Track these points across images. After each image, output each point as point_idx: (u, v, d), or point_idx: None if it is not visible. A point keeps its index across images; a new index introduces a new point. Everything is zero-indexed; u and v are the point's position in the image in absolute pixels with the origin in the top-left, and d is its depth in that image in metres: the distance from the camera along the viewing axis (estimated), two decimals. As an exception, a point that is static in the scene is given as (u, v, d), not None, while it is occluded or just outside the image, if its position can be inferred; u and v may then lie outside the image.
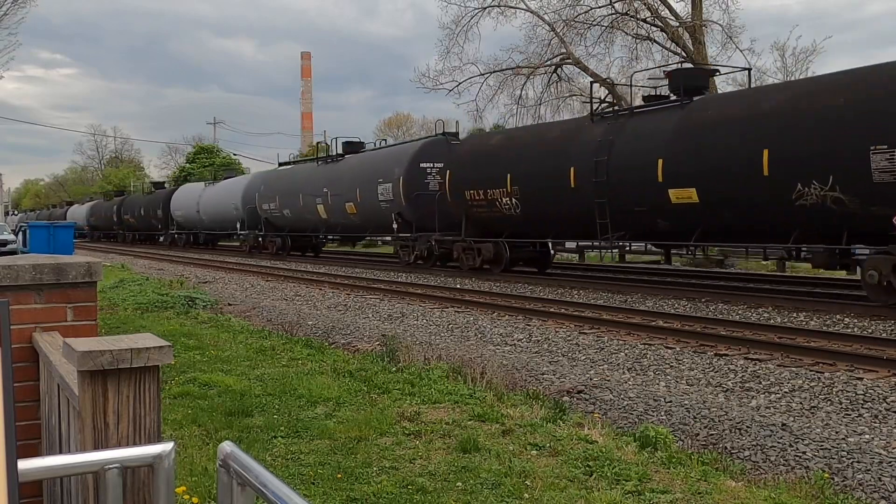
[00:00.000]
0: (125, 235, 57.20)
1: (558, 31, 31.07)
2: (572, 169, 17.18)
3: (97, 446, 1.88)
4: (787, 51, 34.68)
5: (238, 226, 36.82)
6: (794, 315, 12.17)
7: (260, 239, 34.80)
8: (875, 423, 6.39)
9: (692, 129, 14.87)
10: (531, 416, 6.32)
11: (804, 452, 5.72)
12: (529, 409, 6.57)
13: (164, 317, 13.13)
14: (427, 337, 11.01)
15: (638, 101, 21.08)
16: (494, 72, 32.66)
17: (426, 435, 5.80)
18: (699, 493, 4.70)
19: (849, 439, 5.93)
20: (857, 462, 5.45)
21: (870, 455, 5.52)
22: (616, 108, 18.12)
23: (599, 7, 30.73)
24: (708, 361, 8.77)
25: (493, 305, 13.93)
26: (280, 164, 36.68)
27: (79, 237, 70.06)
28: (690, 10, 29.21)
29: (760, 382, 7.79)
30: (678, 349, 9.48)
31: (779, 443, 5.93)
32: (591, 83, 24.16)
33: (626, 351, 9.59)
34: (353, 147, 29.22)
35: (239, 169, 60.91)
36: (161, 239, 50.37)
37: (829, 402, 7.00)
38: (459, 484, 4.78)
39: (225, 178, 43.30)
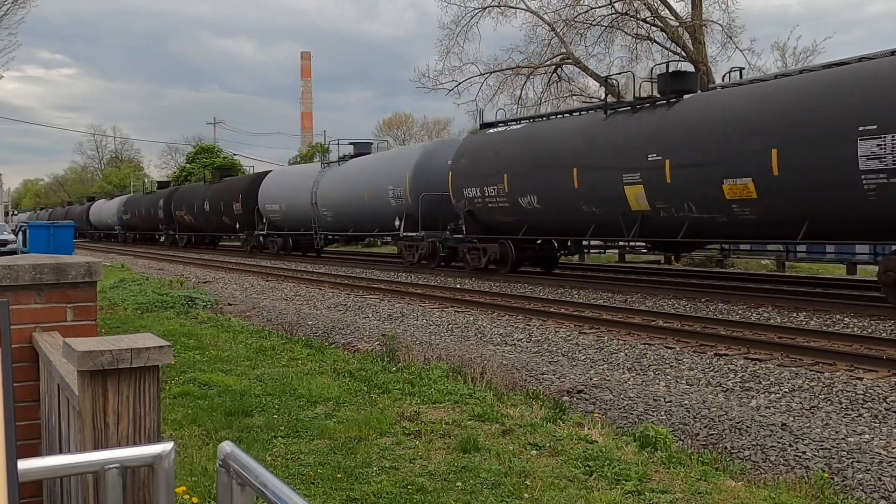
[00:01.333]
0: (176, 237, 44.44)
1: (558, 30, 31.08)
2: None
3: (97, 446, 1.88)
4: (787, 51, 34.67)
5: (398, 224, 23.44)
6: (794, 315, 12.17)
7: (438, 245, 21.97)
8: (875, 423, 6.39)
9: None
10: (531, 416, 6.32)
11: (804, 452, 5.72)
12: (529, 409, 6.57)
13: (163, 317, 13.13)
14: (427, 337, 11.01)
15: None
16: (494, 72, 32.69)
17: (426, 435, 5.80)
18: (699, 493, 4.70)
19: (849, 439, 5.93)
20: (857, 462, 5.45)
21: (870, 455, 5.52)
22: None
23: (599, 7, 30.77)
24: (708, 361, 8.77)
25: (493, 305, 13.93)
26: (483, 125, 21.92)
27: (105, 239, 60.54)
28: (690, 9, 29.22)
29: (760, 382, 7.79)
30: (678, 349, 9.48)
31: (779, 443, 5.93)
32: None
33: (626, 351, 9.59)
34: (683, 82, 16.07)
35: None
36: (236, 240, 39.17)
37: (829, 402, 7.00)
38: (459, 484, 4.78)
39: (355, 155, 29.25)
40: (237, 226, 36.11)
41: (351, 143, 30.61)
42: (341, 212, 27.66)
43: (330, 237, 30.44)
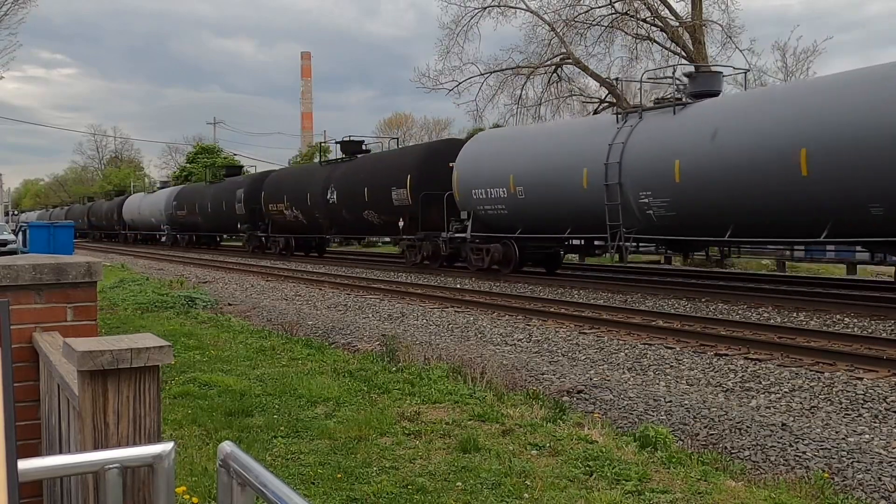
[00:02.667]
0: (264, 240, 32.83)
1: (558, 30, 31.07)
2: None
3: (97, 446, 1.88)
4: (787, 51, 34.64)
5: None
6: (794, 315, 12.17)
7: None
8: (875, 423, 6.39)
9: None
10: (531, 416, 6.32)
11: (804, 452, 5.72)
12: (529, 409, 6.57)
13: (164, 317, 13.12)
14: (427, 337, 11.01)
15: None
16: (494, 72, 32.66)
17: (426, 435, 5.80)
18: (699, 493, 4.69)
19: (849, 439, 5.93)
20: (857, 462, 5.45)
21: (870, 455, 5.52)
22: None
23: (599, 7, 30.77)
24: (708, 361, 8.77)
25: (493, 305, 13.93)
26: None
27: (143, 242, 48.28)
28: (690, 10, 29.22)
29: (760, 382, 7.79)
30: (678, 349, 9.48)
31: (779, 443, 5.93)
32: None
33: (626, 351, 9.59)
34: None
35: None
36: (388, 245, 28.98)
37: (829, 402, 7.00)
38: (459, 484, 4.78)
39: (697, 94, 15.64)
40: (401, 224, 22.88)
41: (687, 74, 16.44)
42: (701, 195, 14.34)
43: (640, 241, 17.28)
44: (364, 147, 29.26)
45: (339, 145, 29.41)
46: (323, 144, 55.49)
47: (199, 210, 38.56)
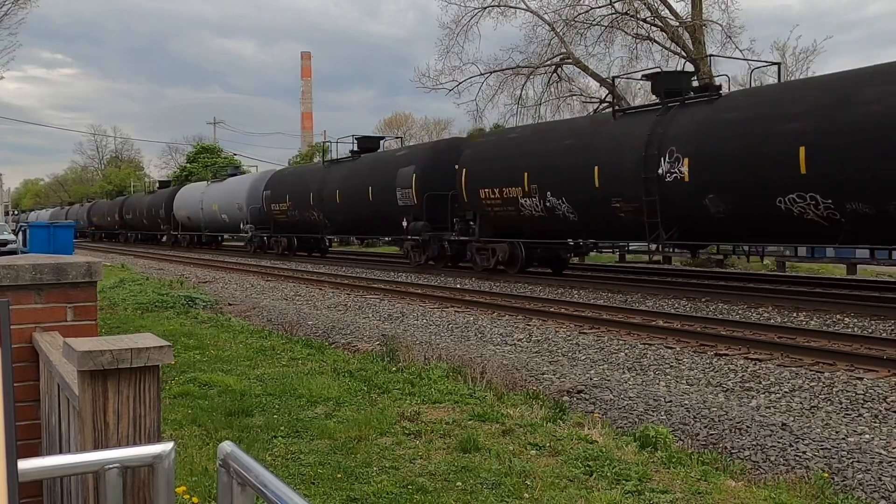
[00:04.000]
0: (455, 247, 21.05)
1: (558, 30, 31.08)
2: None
3: (97, 446, 1.88)
4: (787, 51, 34.61)
5: None
6: (794, 315, 12.17)
7: None
8: (875, 423, 6.39)
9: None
10: (531, 416, 6.32)
11: (804, 452, 5.72)
12: (529, 409, 6.57)
13: (164, 317, 13.12)
14: (427, 337, 11.01)
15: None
16: (494, 71, 32.67)
17: (426, 435, 5.79)
18: (699, 493, 4.69)
19: (849, 439, 5.93)
20: (857, 462, 5.45)
21: (870, 455, 5.52)
22: None
23: (599, 7, 30.77)
24: (708, 361, 8.77)
25: (493, 305, 13.93)
26: None
27: (198, 246, 37.30)
28: (690, 9, 29.22)
29: (760, 382, 7.79)
30: (678, 349, 9.48)
31: (779, 443, 5.93)
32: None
33: (626, 351, 9.59)
34: None
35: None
36: None
37: (829, 402, 7.00)
38: (459, 484, 4.78)
39: None
40: None
41: None
42: None
43: None
44: (696, 82, 15.97)
45: (650, 81, 16.62)
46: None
47: (316, 201, 26.27)
